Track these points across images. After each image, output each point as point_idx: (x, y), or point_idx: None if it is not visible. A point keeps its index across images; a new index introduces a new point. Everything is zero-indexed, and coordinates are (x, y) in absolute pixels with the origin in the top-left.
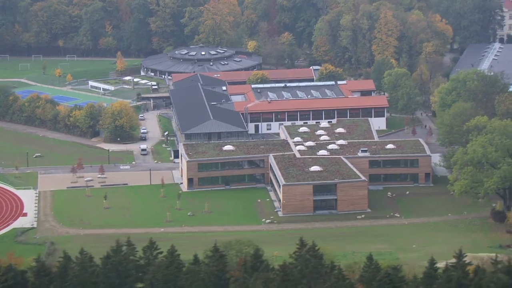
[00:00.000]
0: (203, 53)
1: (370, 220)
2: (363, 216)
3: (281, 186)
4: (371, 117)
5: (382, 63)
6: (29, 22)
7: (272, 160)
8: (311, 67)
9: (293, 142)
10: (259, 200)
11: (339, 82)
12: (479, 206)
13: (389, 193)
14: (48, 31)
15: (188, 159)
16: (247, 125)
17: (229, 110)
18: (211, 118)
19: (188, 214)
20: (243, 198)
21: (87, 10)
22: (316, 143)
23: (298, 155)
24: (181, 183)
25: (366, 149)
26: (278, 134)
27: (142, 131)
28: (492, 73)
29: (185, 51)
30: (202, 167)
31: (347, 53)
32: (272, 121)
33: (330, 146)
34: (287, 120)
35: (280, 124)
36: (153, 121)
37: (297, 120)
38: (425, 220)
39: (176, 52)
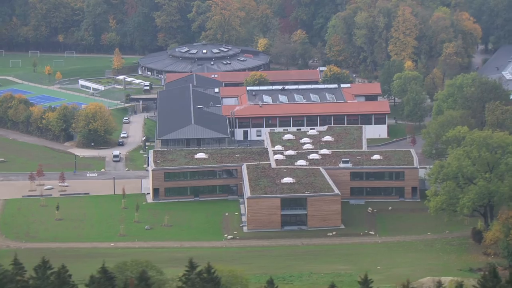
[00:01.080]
0: (204, 51)
1: (342, 237)
2: (334, 233)
3: (245, 199)
4: (371, 124)
5: (392, 65)
6: (28, 15)
7: (244, 170)
8: (318, 68)
9: (273, 150)
10: (226, 214)
11: (342, 86)
12: (463, 225)
13: (369, 208)
14: (47, 25)
15: (153, 167)
16: (234, 131)
17: (215, 114)
18: (192, 122)
19: (146, 227)
20: (211, 211)
21: (89, 3)
22: (297, 152)
23: (274, 165)
24: (148, 193)
25: (347, 160)
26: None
27: (121, 135)
28: (491, 79)
29: (186, 49)
30: (169, 177)
31: (362, 54)
32: (263, 127)
33: (311, 156)
34: (279, 126)
35: (271, 130)
36: (139, 124)
37: (290, 126)
38: (401, 239)
39: (177, 50)
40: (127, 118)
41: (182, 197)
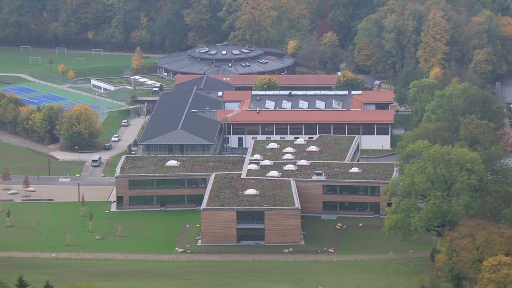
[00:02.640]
0: (224, 52)
1: (297, 254)
2: (291, 249)
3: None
4: (374, 134)
5: (410, 71)
6: (59, 11)
7: (210, 180)
8: (337, 73)
9: (250, 160)
10: (187, 225)
11: (353, 92)
12: (430, 245)
13: (339, 224)
14: (77, 21)
15: (118, 174)
16: (228, 137)
17: (208, 120)
18: (178, 128)
19: (96, 238)
20: (173, 222)
21: None
22: (273, 163)
23: (243, 175)
24: (114, 201)
25: (321, 172)
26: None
27: (113, 138)
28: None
29: (206, 50)
30: (134, 184)
31: (390, 58)
32: (258, 134)
33: (287, 167)
34: (275, 134)
35: (267, 138)
36: (136, 128)
37: (287, 133)
38: (358, 258)
39: (196, 50)
40: (126, 120)
41: (147, 207)
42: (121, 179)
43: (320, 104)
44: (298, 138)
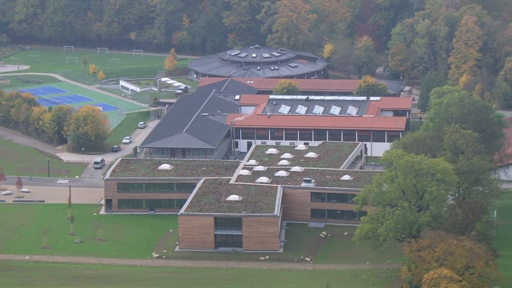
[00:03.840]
0: (254, 55)
1: (272, 262)
2: (267, 257)
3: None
4: (384, 141)
5: (433, 78)
6: (103, 11)
7: (198, 185)
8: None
9: (244, 165)
10: (171, 230)
11: (371, 98)
12: None
13: (323, 232)
14: (120, 22)
15: (107, 177)
16: (236, 142)
17: (217, 124)
18: (183, 131)
19: (75, 241)
20: (158, 226)
21: (163, 0)
22: (267, 168)
23: (232, 181)
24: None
25: (310, 179)
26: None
27: (123, 140)
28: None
29: (236, 52)
30: (123, 188)
31: (422, 64)
32: (268, 139)
33: (279, 173)
34: (285, 139)
35: (276, 143)
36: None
37: (297, 139)
38: (333, 267)
39: (228, 53)
40: (143, 122)
41: (136, 210)
42: (110, 182)
43: (336, 110)
44: (294, 143)
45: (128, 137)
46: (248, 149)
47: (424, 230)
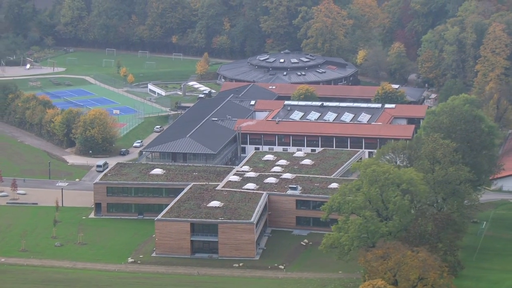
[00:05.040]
0: (282, 60)
1: (245, 269)
2: (241, 264)
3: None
4: None
5: (451, 86)
6: (147, 14)
7: (184, 190)
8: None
9: (237, 171)
10: (154, 235)
11: (386, 106)
12: None
13: (305, 240)
14: (162, 25)
15: (97, 180)
16: (245, 147)
17: (225, 129)
18: (186, 136)
19: (55, 244)
20: (142, 230)
21: (204, 4)
22: (258, 175)
23: (220, 187)
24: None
25: (295, 186)
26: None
27: (134, 144)
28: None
29: (265, 57)
30: (112, 192)
31: (450, 72)
32: (275, 145)
33: (268, 180)
34: (292, 145)
35: (284, 149)
36: None
37: (304, 145)
38: (303, 276)
39: (257, 58)
40: (159, 126)
41: (125, 214)
42: (99, 185)
43: (348, 117)
44: (300, 149)
45: (140, 141)
46: None
47: (379, 241)
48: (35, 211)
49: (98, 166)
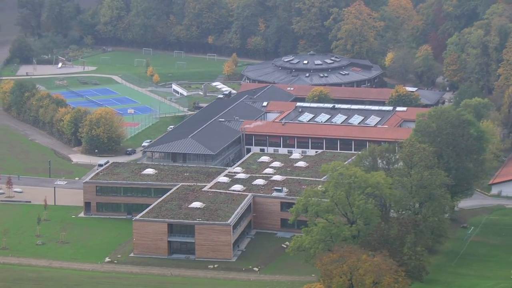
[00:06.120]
0: (305, 62)
1: (219, 271)
2: (216, 265)
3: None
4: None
5: (465, 90)
6: (184, 14)
7: (171, 190)
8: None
9: (229, 172)
10: None
11: (398, 109)
12: None
13: (287, 243)
14: (199, 25)
15: (87, 179)
16: (250, 149)
17: (231, 130)
18: (189, 137)
19: (37, 243)
20: (127, 230)
21: (239, 4)
22: (249, 176)
23: (207, 188)
24: None
25: (280, 188)
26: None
27: (143, 143)
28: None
29: (290, 59)
30: (101, 191)
31: (473, 75)
32: (280, 147)
33: (256, 181)
34: (297, 147)
35: (288, 151)
36: None
37: (309, 148)
38: (276, 279)
39: (282, 59)
40: (172, 126)
41: (114, 214)
42: (89, 185)
43: (357, 119)
44: (305, 151)
45: (149, 141)
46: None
47: (337, 244)
48: (26, 209)
49: (100, 165)
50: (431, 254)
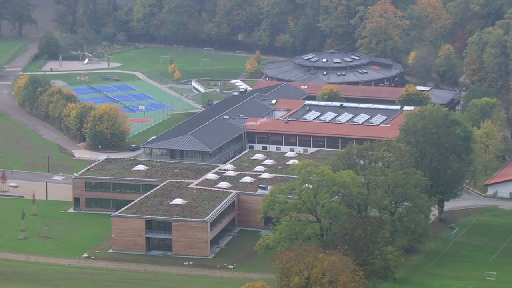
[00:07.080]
0: (324, 60)
1: (194, 268)
2: (191, 262)
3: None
4: None
5: (475, 90)
6: (215, 11)
7: (157, 187)
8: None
9: (219, 169)
10: None
11: (405, 108)
12: None
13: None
14: (229, 23)
15: (76, 175)
16: (253, 146)
17: (234, 127)
18: (188, 133)
19: (19, 237)
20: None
21: (269, 1)
22: (238, 174)
23: (193, 185)
24: None
25: (265, 186)
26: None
27: (149, 140)
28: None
29: (310, 57)
30: (90, 187)
31: (491, 75)
32: (282, 145)
33: (244, 179)
34: (299, 145)
35: (290, 149)
36: None
37: (310, 146)
38: (248, 276)
39: (302, 57)
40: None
41: (103, 210)
42: (78, 180)
43: (362, 118)
44: (307, 150)
45: (155, 137)
46: None
47: (295, 243)
48: (17, 203)
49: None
50: (411, 254)
